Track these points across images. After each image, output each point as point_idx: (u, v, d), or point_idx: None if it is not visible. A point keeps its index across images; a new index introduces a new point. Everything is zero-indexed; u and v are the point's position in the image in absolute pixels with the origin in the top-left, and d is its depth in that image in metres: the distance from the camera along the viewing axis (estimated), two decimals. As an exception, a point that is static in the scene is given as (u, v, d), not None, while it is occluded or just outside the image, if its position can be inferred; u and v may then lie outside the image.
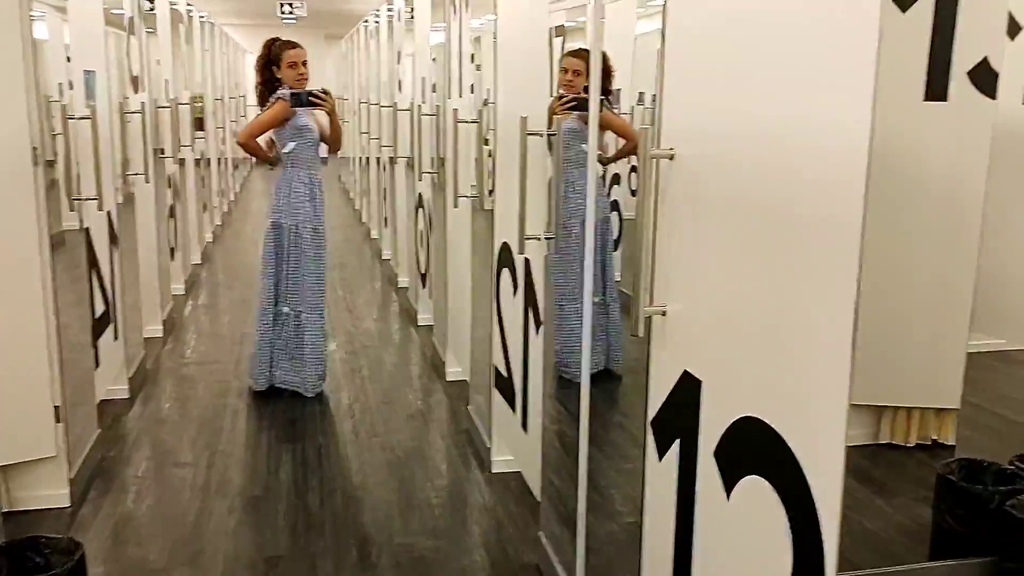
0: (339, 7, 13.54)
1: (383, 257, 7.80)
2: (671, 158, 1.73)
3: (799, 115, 1.27)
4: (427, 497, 3.24)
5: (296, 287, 4.14)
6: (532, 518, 2.95)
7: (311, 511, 3.12)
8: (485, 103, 4.04)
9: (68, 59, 4.09)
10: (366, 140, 8.96)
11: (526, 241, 2.73)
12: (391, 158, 6.86)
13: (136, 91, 4.65)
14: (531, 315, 2.85)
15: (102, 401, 3.76)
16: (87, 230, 3.58)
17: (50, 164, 4.01)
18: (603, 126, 3.79)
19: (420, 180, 5.21)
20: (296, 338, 4.17)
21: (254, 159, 4.38)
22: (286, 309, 4.17)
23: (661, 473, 1.82)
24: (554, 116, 2.71)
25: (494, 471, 3.38)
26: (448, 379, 4.44)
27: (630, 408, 3.98)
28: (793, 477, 1.29)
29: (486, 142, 4.03)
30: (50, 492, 3.02)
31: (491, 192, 4.04)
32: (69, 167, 3.34)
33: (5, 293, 2.81)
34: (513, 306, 3.04)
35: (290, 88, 4.00)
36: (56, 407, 2.98)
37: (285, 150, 4.08)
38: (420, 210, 5.46)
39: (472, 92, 4.16)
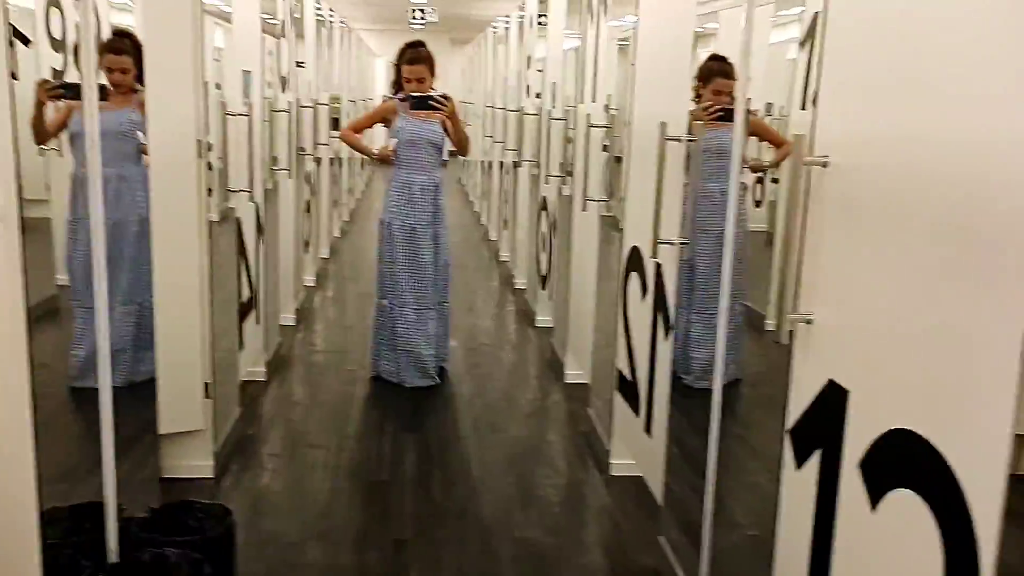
0: (468, 12, 13.82)
1: (500, 258, 7.93)
2: (825, 165, 1.72)
3: (980, 122, 1.25)
4: (545, 494, 3.29)
5: (393, 283, 4.31)
6: (652, 522, 2.96)
7: (434, 499, 3.23)
8: (606, 108, 4.08)
9: (216, 60, 4.36)
10: (489, 143, 9.11)
11: (659, 245, 2.75)
12: (515, 162, 6.97)
13: (283, 91, 4.90)
14: (660, 320, 2.87)
15: (243, 382, 3.98)
16: (238, 220, 3.80)
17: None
18: (755, 133, 3.78)
19: (546, 183, 5.29)
20: (391, 331, 4.34)
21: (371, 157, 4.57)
22: (386, 303, 4.35)
23: (799, 483, 1.81)
24: (700, 123, 2.72)
25: (613, 473, 3.40)
26: (567, 381, 4.49)
27: (749, 420, 3.93)
28: (950, 494, 1.28)
29: (604, 148, 4.08)
30: (197, 463, 3.23)
31: (611, 195, 4.09)
32: (226, 160, 3.56)
33: (169, 273, 3.03)
34: (641, 310, 3.06)
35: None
36: (206, 384, 3.18)
37: (392, 149, 4.25)
38: (543, 213, 5.54)
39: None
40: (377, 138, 5.65)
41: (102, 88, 3.44)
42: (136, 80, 3.66)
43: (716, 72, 3.70)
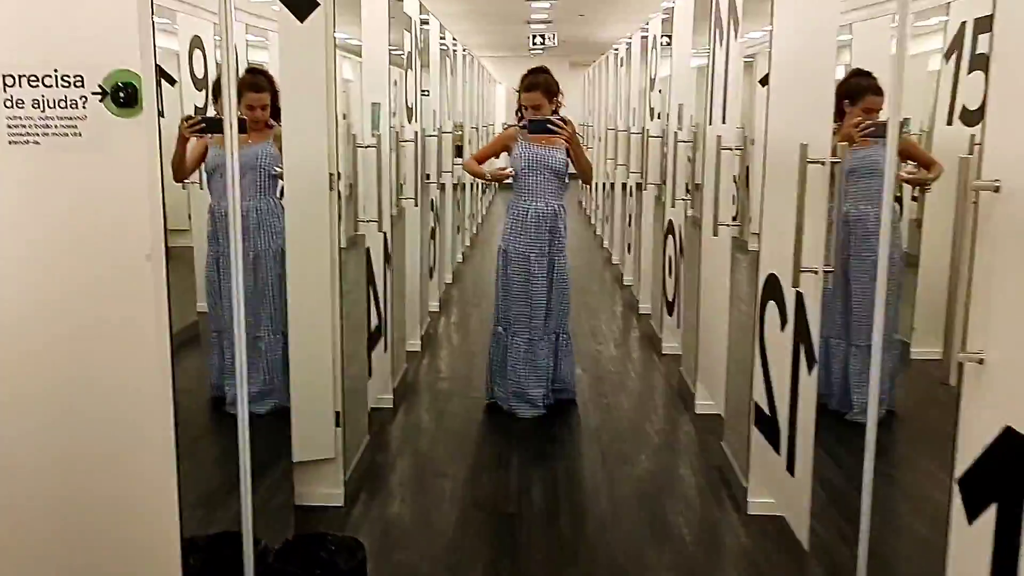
0: (588, 35, 13.82)
1: (624, 283, 7.81)
2: (996, 190, 1.57)
3: None
4: (679, 532, 3.16)
5: (506, 310, 4.29)
6: (797, 568, 2.79)
7: (563, 534, 3.15)
8: (736, 129, 3.93)
9: (344, 92, 4.45)
10: (611, 166, 9.03)
11: (801, 274, 2.60)
12: (639, 184, 6.87)
13: (410, 121, 4.98)
14: (803, 352, 2.71)
15: (372, 409, 4.03)
16: (367, 249, 3.86)
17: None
18: (903, 152, 3.58)
19: (672, 207, 5.16)
20: (502, 359, 4.31)
21: (495, 184, 4.56)
22: (500, 329, 4.34)
23: (971, 539, 1.64)
24: (844, 144, 2.57)
25: (750, 512, 3.23)
26: (697, 411, 4.34)
27: (901, 458, 3.68)
28: None
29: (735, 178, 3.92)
30: (328, 491, 3.27)
31: (736, 218, 3.93)
32: (355, 191, 3.64)
33: (302, 302, 3.09)
34: (780, 341, 2.90)
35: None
36: (337, 412, 3.22)
37: (506, 170, 4.24)
38: (670, 237, 5.41)
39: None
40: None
41: (241, 123, 3.57)
42: (270, 115, 3.79)
43: (867, 89, 3.52)
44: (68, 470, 1.94)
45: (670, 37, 5.58)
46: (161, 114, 2.06)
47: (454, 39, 7.85)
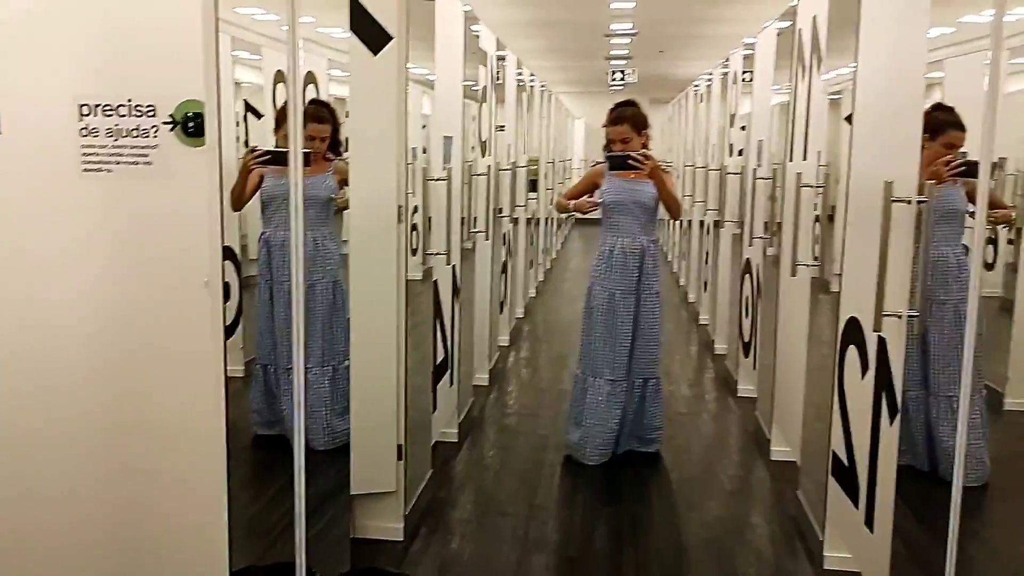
0: (667, 72, 13.76)
1: (700, 321, 7.64)
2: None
3: None
4: (750, 585, 3.01)
5: (588, 351, 4.14)
6: (874, 630, 2.61)
7: (627, 582, 3.03)
8: (818, 167, 3.79)
9: (423, 127, 4.47)
10: (689, 203, 8.91)
11: (884, 318, 2.46)
12: (716, 222, 6.73)
13: (483, 155, 4.99)
14: (884, 401, 2.55)
15: (435, 443, 3.99)
16: (435, 282, 3.84)
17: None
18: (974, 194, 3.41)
19: (750, 245, 5.02)
20: (581, 401, 4.16)
21: (572, 214, 4.41)
22: (579, 372, 4.21)
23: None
24: (932, 182, 2.43)
25: (826, 567, 3.06)
26: (773, 458, 4.16)
27: (990, 515, 3.46)
28: None
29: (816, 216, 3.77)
30: (387, 525, 3.23)
31: (818, 258, 3.77)
32: (426, 224, 3.64)
33: (367, 335, 3.08)
34: (861, 389, 2.75)
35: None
36: (399, 445, 3.19)
37: (591, 203, 4.13)
38: (747, 276, 5.26)
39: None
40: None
41: (306, 156, 3.61)
42: (329, 149, 3.82)
43: (948, 124, 3.36)
44: (122, 490, 1.94)
45: (751, 73, 5.48)
46: (247, 145, 2.07)
47: (531, 74, 7.89)
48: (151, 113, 2.05)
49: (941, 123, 3.47)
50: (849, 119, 4.27)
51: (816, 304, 3.79)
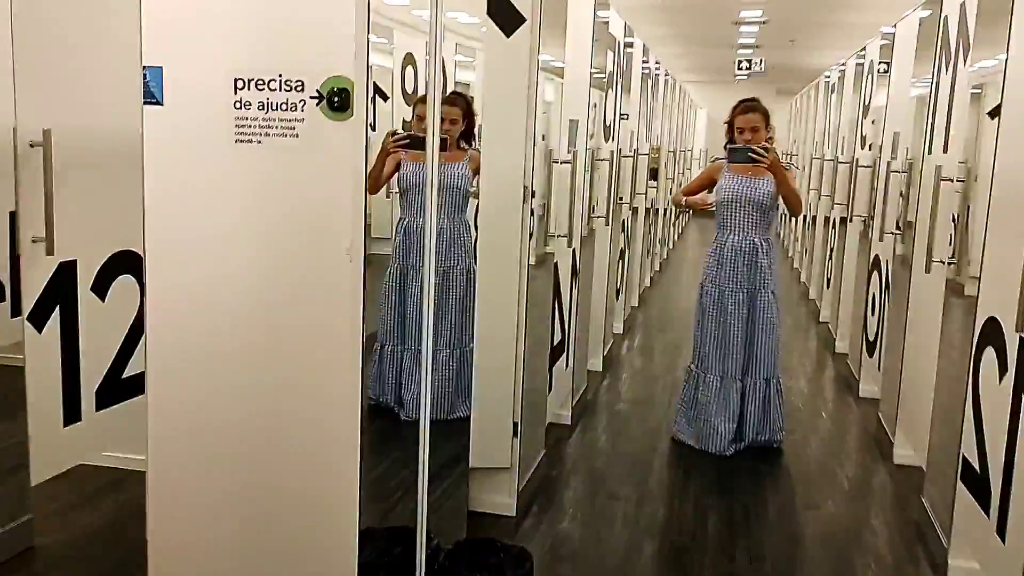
0: (796, 62, 13.34)
1: (820, 319, 7.42)
2: None
3: None
4: (866, 587, 2.93)
5: (700, 347, 4.14)
6: (1001, 643, 2.51)
7: (738, 572, 3.00)
8: (961, 162, 3.61)
9: (544, 113, 4.49)
10: (814, 196, 8.63)
11: (1029, 318, 2.35)
12: (843, 218, 6.50)
13: (607, 141, 4.99)
14: (1024, 405, 2.44)
15: (549, 424, 4.03)
16: (555, 264, 3.88)
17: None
18: None
19: (880, 241, 4.84)
20: (692, 397, 4.17)
21: (688, 211, 4.36)
22: (692, 366, 4.21)
23: None
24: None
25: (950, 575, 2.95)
26: (896, 462, 4.01)
27: None
28: None
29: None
30: (501, 499, 3.30)
31: (953, 258, 3.60)
32: (548, 207, 3.68)
33: (490, 315, 3.14)
34: (998, 392, 2.63)
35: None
36: (515, 423, 3.25)
37: (708, 201, 4.09)
38: (875, 273, 5.07)
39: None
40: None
41: (443, 141, 3.69)
42: (463, 137, 3.89)
43: None
44: (260, 458, 2.06)
45: (888, 64, 5.27)
46: (373, 127, 2.16)
47: (657, 62, 7.80)
48: (300, 88, 2.15)
49: None
50: (992, 114, 4.05)
51: (948, 308, 3.63)
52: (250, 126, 2.21)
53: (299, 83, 2.17)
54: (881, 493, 3.80)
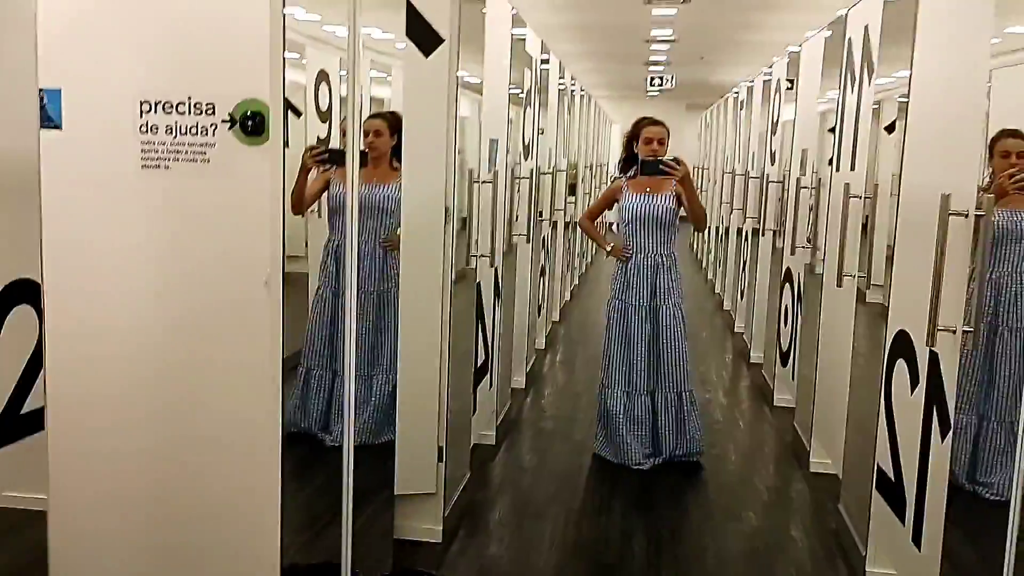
0: (706, 78, 13.68)
1: (735, 330, 7.58)
2: None
3: None
4: (790, 599, 2.98)
5: (607, 362, 4.16)
6: (919, 649, 2.57)
7: (665, 591, 3.01)
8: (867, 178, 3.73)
9: (460, 129, 4.47)
10: (726, 210, 8.84)
11: (938, 333, 2.42)
12: (755, 230, 6.67)
13: (526, 158, 4.99)
14: (936, 417, 2.51)
15: (474, 445, 3.99)
16: (478, 284, 3.85)
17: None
18: None
19: (792, 254, 4.97)
20: (604, 411, 4.20)
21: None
22: (602, 381, 4.25)
23: None
24: (991, 197, 2.38)
25: (869, 583, 3.02)
26: (812, 470, 4.11)
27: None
28: None
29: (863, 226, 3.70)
30: (426, 526, 3.23)
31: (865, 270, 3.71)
32: (469, 226, 3.65)
33: (413, 336, 3.09)
34: (910, 403, 2.71)
35: (638, 171, 4.03)
36: (440, 447, 3.19)
37: (619, 231, 4.14)
38: (787, 285, 5.21)
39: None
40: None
41: (363, 155, 3.59)
42: (395, 156, 3.81)
43: (1004, 133, 3.28)
44: (171, 495, 1.96)
45: (793, 82, 5.43)
46: (286, 144, 2.10)
47: (572, 78, 7.88)
48: (210, 111, 2.07)
49: (997, 133, 3.40)
50: (888, 129, 4.20)
51: (857, 315, 3.74)
52: (157, 151, 2.12)
53: (210, 106, 2.09)
54: (800, 502, 3.88)
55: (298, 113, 5.54)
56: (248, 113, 2.05)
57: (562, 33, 9.65)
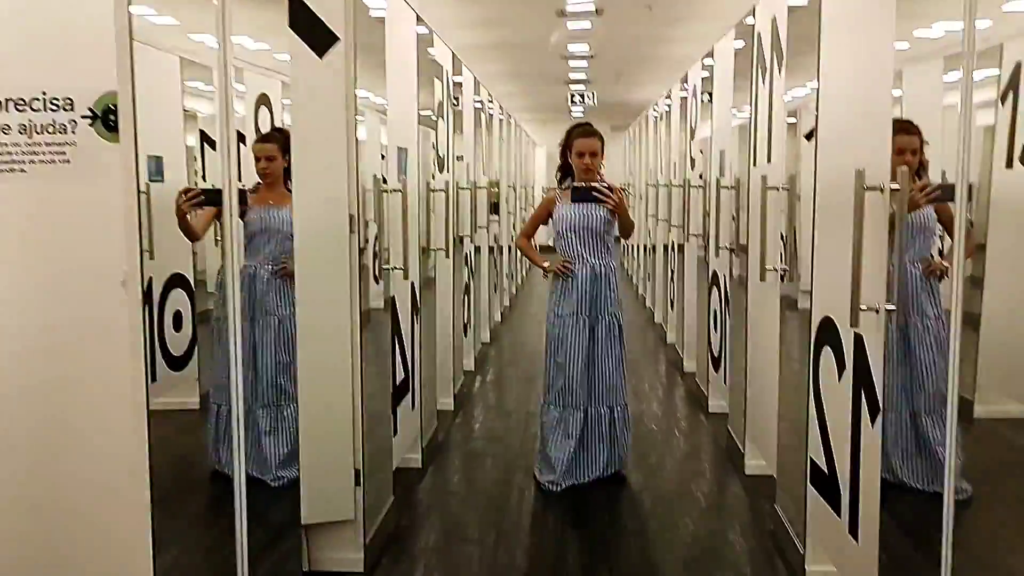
0: (626, 98, 13.80)
1: (667, 341, 7.53)
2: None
3: None
4: (730, 605, 2.85)
5: (547, 375, 4.01)
6: (864, 646, 2.46)
7: (601, 606, 2.86)
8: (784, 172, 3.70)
9: (383, 156, 4.31)
10: (652, 223, 8.84)
11: (860, 313, 2.35)
12: (680, 239, 6.65)
13: (441, 171, 4.86)
14: (864, 401, 2.43)
15: (397, 469, 3.79)
16: (392, 299, 3.68)
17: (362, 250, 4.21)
18: (945, 221, 3.37)
19: (716, 256, 4.93)
20: (541, 426, 4.06)
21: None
22: (543, 399, 4.10)
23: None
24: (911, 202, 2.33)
25: (809, 582, 2.92)
26: (747, 472, 4.03)
27: (968, 523, 3.34)
28: None
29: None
30: (346, 555, 3.03)
31: (786, 271, 3.67)
32: (381, 239, 3.49)
33: (321, 357, 2.90)
34: (839, 390, 2.63)
35: (576, 179, 3.92)
36: (357, 471, 3.00)
37: (555, 243, 4.00)
38: (714, 289, 5.16)
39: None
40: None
41: (242, 194, 3.40)
42: (289, 178, 3.64)
43: (895, 130, 3.25)
44: (37, 524, 1.74)
45: (711, 94, 5.43)
46: (204, 177, 1.91)
47: (489, 95, 7.80)
48: (69, 107, 1.88)
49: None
50: (808, 136, 4.21)
51: (784, 320, 3.68)
52: (11, 152, 1.92)
53: (68, 101, 1.90)
54: (737, 506, 3.77)
55: (243, 139, 5.33)
56: (111, 107, 1.87)
57: (480, 53, 9.60)
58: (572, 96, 12.81)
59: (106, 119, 1.88)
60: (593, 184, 3.85)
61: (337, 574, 3.00)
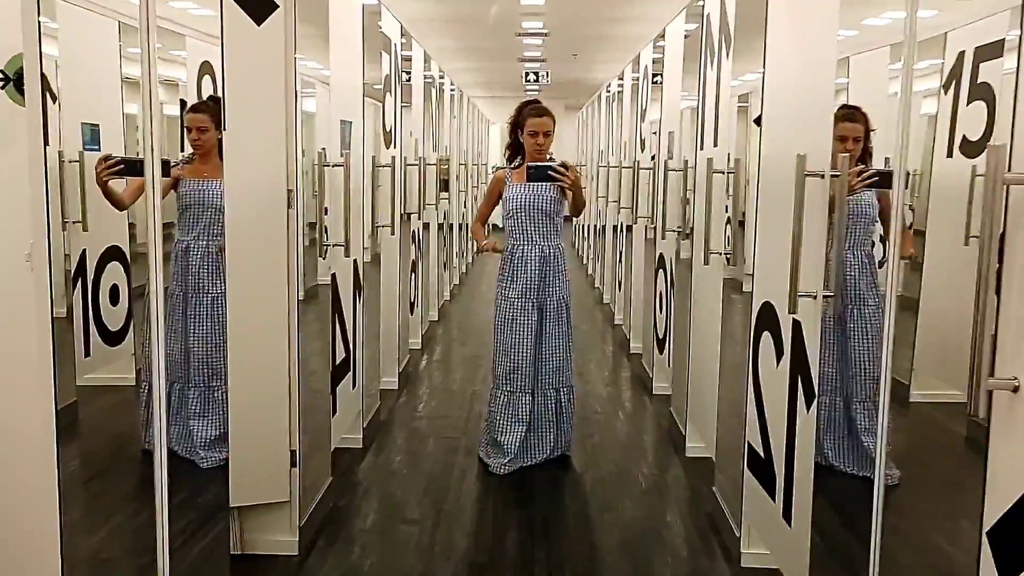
0: (581, 76, 13.76)
1: (615, 322, 7.56)
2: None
3: None
4: (666, 587, 2.87)
5: (495, 356, 3.96)
6: (794, 628, 2.49)
7: (538, 588, 2.85)
8: (728, 157, 3.70)
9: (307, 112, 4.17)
10: (603, 204, 8.84)
11: (799, 299, 2.35)
12: (628, 219, 6.65)
13: (388, 146, 4.77)
14: (800, 387, 2.45)
15: (336, 449, 3.73)
16: (333, 276, 3.61)
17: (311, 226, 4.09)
18: (884, 211, 3.40)
19: (663, 239, 4.93)
20: (488, 408, 4.05)
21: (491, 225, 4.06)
22: (492, 382, 4.07)
23: (1006, 602, 1.37)
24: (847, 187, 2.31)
25: (744, 564, 2.94)
26: (688, 454, 4.05)
27: (902, 506, 3.40)
28: None
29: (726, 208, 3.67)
30: (280, 538, 2.97)
31: (731, 254, 3.68)
32: (321, 216, 3.40)
33: (253, 334, 2.82)
34: (776, 376, 2.64)
35: (527, 158, 3.86)
36: (292, 452, 2.94)
37: (504, 223, 3.95)
38: (660, 271, 5.17)
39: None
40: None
41: (164, 164, 3.28)
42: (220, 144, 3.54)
43: (840, 117, 3.26)
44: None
45: (661, 76, 5.41)
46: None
47: (441, 71, 7.69)
48: (-22, 70, 1.77)
49: (835, 117, 3.40)
50: (757, 121, 4.22)
51: (729, 304, 3.69)
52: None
53: (-22, 63, 1.79)
54: (676, 488, 3.80)
55: (185, 107, 5.15)
56: (22, 69, 1.76)
57: (432, 27, 9.46)
58: (527, 74, 12.72)
59: (19, 82, 1.77)
60: (550, 163, 3.80)
61: (270, 557, 2.95)
